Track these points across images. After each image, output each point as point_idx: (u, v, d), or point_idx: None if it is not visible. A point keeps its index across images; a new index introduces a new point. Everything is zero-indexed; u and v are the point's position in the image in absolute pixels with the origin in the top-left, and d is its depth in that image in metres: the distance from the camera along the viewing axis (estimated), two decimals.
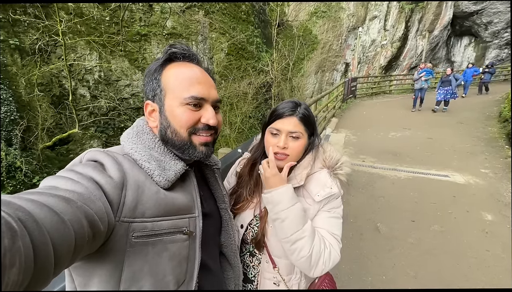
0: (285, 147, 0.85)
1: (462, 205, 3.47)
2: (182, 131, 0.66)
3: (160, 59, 0.68)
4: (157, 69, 0.68)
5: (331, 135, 6.95)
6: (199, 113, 0.67)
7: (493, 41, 16.80)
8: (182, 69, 0.67)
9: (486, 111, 7.89)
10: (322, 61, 14.37)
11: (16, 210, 0.34)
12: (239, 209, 0.94)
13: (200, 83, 0.67)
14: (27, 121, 6.43)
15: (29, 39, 6.76)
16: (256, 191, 0.96)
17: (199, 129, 0.67)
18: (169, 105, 0.66)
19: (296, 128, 0.86)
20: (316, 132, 0.94)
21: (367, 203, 3.58)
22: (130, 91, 8.48)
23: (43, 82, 7.01)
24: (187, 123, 0.65)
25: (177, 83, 0.66)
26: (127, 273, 0.55)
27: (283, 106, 0.88)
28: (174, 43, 0.70)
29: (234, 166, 1.08)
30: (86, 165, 0.56)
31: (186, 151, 0.67)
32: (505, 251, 2.63)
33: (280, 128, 0.86)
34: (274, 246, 0.88)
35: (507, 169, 4.39)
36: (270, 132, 0.89)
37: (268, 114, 0.91)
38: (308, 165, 0.90)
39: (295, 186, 0.87)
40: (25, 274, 0.31)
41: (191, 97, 0.65)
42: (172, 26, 9.32)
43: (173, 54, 0.68)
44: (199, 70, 0.70)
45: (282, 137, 0.85)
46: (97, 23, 7.85)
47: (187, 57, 0.69)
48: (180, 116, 0.65)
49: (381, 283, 2.32)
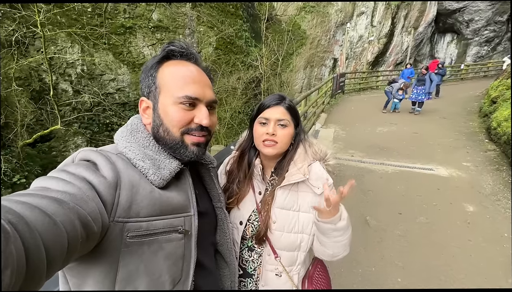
0: (274, 133, 0.88)
1: (446, 197, 3.62)
2: (175, 131, 0.65)
3: (158, 56, 0.67)
4: (153, 66, 0.67)
5: (320, 131, 7.03)
6: (192, 113, 0.66)
7: (474, 39, 17.43)
8: (179, 68, 0.66)
9: (467, 107, 8.21)
10: (310, 56, 14.42)
11: (6, 212, 0.33)
12: (231, 203, 0.95)
13: (196, 82, 0.66)
14: (4, 118, 6.11)
15: (5, 30, 6.37)
16: (245, 181, 0.97)
17: (192, 130, 0.66)
18: (163, 103, 0.65)
19: (284, 116, 0.90)
20: (301, 124, 0.99)
21: (356, 196, 3.66)
22: (115, 86, 8.21)
23: (21, 76, 6.65)
24: (179, 123, 0.65)
25: (172, 81, 0.65)
26: (122, 273, 0.55)
27: (269, 98, 0.93)
28: (173, 41, 0.69)
29: (223, 165, 1.07)
30: (78, 164, 0.55)
31: (178, 150, 0.66)
32: (486, 240, 2.76)
33: (269, 117, 0.90)
34: (278, 238, 0.90)
35: (487, 162, 4.60)
36: (259, 123, 0.92)
37: (256, 108, 0.95)
38: (305, 158, 0.94)
39: (301, 180, 0.89)
40: (18, 276, 0.30)
41: (185, 96, 0.64)
42: (158, 19, 9.05)
43: (171, 51, 0.67)
44: (196, 69, 0.69)
45: (271, 125, 0.89)
46: (79, 14, 7.51)
47: (185, 55, 0.68)
48: (173, 115, 0.64)
49: (371, 274, 2.38)
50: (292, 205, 0.91)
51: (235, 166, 1.01)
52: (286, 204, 0.91)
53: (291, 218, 0.90)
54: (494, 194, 3.65)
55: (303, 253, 0.94)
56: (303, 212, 0.91)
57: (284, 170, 0.93)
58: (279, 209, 0.91)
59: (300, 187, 0.92)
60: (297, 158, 0.93)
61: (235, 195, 0.96)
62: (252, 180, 0.98)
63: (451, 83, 12.09)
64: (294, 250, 0.92)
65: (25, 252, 0.32)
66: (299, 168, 0.90)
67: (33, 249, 0.33)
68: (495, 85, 7.29)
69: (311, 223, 0.91)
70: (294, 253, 0.92)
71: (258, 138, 0.91)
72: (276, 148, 0.90)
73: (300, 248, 0.92)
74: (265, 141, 0.89)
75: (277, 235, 0.90)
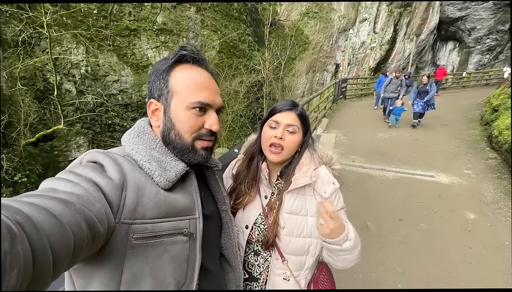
0: (282, 137, 0.89)
1: (446, 204, 3.61)
2: (187, 136, 0.66)
3: (170, 59, 0.68)
4: (165, 70, 0.67)
5: (322, 136, 7.04)
6: (203, 119, 0.68)
7: (476, 47, 17.48)
8: (191, 73, 0.68)
9: (468, 115, 8.22)
10: (313, 61, 14.49)
11: (14, 213, 0.33)
12: (239, 203, 0.95)
13: (208, 89, 0.68)
14: (8, 116, 6.15)
15: (12, 30, 6.45)
16: (254, 184, 0.98)
17: (202, 135, 0.68)
18: (175, 108, 0.66)
19: (294, 122, 0.91)
20: (310, 132, 0.99)
21: (357, 202, 3.66)
22: (118, 87, 8.26)
23: (26, 76, 6.71)
24: (192, 128, 0.66)
25: (185, 86, 0.66)
26: (127, 275, 0.55)
27: (282, 103, 0.94)
28: (185, 45, 0.70)
29: (229, 168, 1.07)
30: (85, 166, 0.55)
31: (187, 154, 0.67)
32: (486, 248, 2.75)
33: (279, 121, 0.91)
34: (287, 244, 0.90)
35: (488, 170, 4.60)
36: (268, 126, 0.92)
37: (268, 111, 0.95)
38: (311, 161, 0.94)
39: (307, 183, 0.89)
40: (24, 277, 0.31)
41: (198, 102, 0.65)
42: (162, 22, 9.13)
43: (183, 56, 0.68)
44: (207, 75, 0.70)
45: (280, 129, 0.90)
46: (84, 16, 7.59)
47: (197, 61, 0.69)
48: (186, 121, 0.65)
49: (371, 280, 2.38)
50: (301, 210, 0.91)
51: (243, 166, 1.01)
52: (295, 209, 0.91)
53: (299, 222, 0.90)
54: (495, 202, 3.64)
55: (312, 258, 0.93)
56: (311, 216, 0.91)
57: (290, 174, 0.93)
58: (287, 214, 0.90)
59: (307, 191, 0.93)
60: (303, 161, 0.94)
61: (243, 196, 0.96)
62: (258, 183, 0.98)
63: (453, 91, 12.11)
64: (303, 255, 0.92)
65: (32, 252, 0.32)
66: (305, 171, 0.91)
67: (40, 250, 0.34)
68: (496, 94, 7.31)
69: None
70: (302, 258, 0.92)
71: (266, 142, 0.92)
72: (281, 155, 0.90)
73: (309, 252, 0.92)
74: (272, 146, 0.90)
75: (286, 240, 0.90)
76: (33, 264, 0.32)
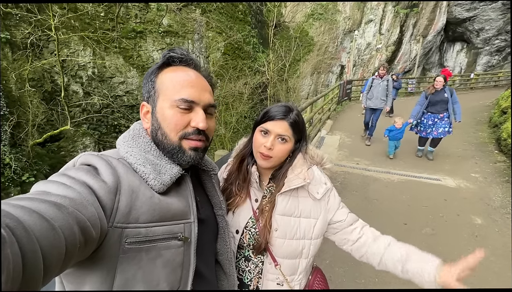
0: (271, 148, 0.87)
1: (453, 208, 3.54)
2: (172, 135, 0.65)
3: (158, 62, 0.69)
4: (154, 72, 0.68)
5: (326, 137, 6.99)
6: (189, 117, 0.66)
7: (484, 48, 17.20)
8: (177, 73, 0.68)
9: (476, 117, 8.06)
10: (317, 63, 14.44)
11: (5, 216, 0.33)
12: (229, 204, 0.95)
13: (193, 86, 0.67)
14: (17, 117, 6.28)
15: (21, 33, 6.60)
16: (245, 186, 0.97)
17: (189, 134, 0.66)
18: (160, 107, 0.66)
19: (285, 132, 0.88)
20: (305, 137, 0.96)
21: (361, 205, 3.62)
22: (124, 89, 8.37)
23: (34, 78, 6.86)
24: (176, 126, 0.65)
25: (170, 85, 0.66)
26: (119, 280, 0.54)
27: (276, 109, 0.90)
28: (174, 48, 0.70)
29: (221, 172, 1.06)
30: (79, 169, 0.55)
31: (175, 155, 0.66)
32: (494, 254, 2.69)
33: (270, 130, 0.88)
34: (280, 246, 0.89)
35: (496, 174, 4.50)
36: (260, 131, 0.90)
37: (261, 114, 0.93)
38: (304, 163, 0.94)
39: (301, 185, 0.89)
40: (13, 282, 0.30)
41: (181, 99, 0.64)
42: (168, 24, 9.23)
43: (171, 58, 0.68)
44: (194, 74, 0.69)
45: (270, 138, 0.87)
46: (92, 19, 7.72)
47: (185, 61, 0.69)
48: (170, 119, 0.64)
49: (374, 285, 2.34)
50: (294, 211, 0.90)
51: (234, 168, 1.01)
52: (288, 210, 0.90)
53: (292, 224, 0.89)
54: (503, 206, 3.56)
55: (305, 260, 0.92)
56: (304, 217, 0.91)
57: (282, 177, 0.92)
58: (280, 216, 0.89)
59: (300, 192, 0.92)
60: (296, 163, 0.93)
61: (233, 197, 0.95)
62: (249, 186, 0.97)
63: (460, 93, 11.92)
64: (296, 257, 0.91)
65: (22, 257, 0.32)
66: (298, 173, 0.90)
67: (30, 254, 0.33)
68: (505, 95, 7.17)
69: (312, 228, 0.90)
70: (295, 261, 0.91)
71: (256, 148, 0.91)
72: (271, 162, 0.89)
73: (302, 254, 0.91)
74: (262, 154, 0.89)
75: (279, 243, 0.89)
76: (23, 268, 0.32)
